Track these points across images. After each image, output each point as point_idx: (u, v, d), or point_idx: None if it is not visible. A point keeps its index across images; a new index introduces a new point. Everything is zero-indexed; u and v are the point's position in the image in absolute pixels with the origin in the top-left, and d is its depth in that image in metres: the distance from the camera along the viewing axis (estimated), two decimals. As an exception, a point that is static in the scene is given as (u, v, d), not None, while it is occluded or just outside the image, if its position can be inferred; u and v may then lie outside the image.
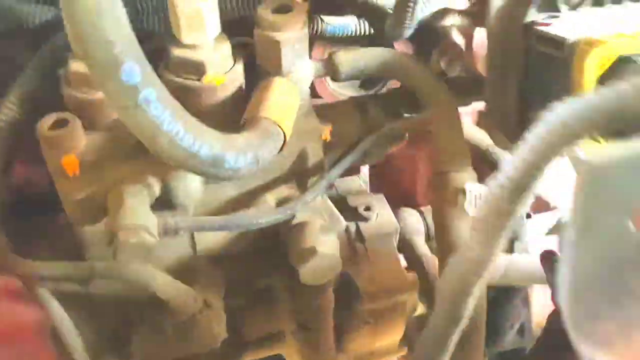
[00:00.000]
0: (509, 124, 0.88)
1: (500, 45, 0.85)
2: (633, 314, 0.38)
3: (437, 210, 0.88)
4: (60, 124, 0.74)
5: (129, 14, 0.85)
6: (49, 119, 0.74)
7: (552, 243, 1.38)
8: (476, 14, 1.16)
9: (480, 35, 1.30)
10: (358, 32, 1.06)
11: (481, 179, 0.97)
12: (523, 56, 0.85)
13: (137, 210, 0.74)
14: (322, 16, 1.03)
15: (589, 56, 0.73)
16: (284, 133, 0.75)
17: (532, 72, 0.84)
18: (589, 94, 0.43)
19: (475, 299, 0.51)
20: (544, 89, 0.84)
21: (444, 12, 1.13)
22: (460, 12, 1.15)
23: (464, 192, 0.85)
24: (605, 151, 0.37)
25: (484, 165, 1.12)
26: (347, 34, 1.06)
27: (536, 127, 0.46)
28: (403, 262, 1.12)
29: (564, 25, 0.80)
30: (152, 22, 0.88)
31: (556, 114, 0.44)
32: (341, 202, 1.11)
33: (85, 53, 0.53)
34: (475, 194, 0.85)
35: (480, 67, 1.33)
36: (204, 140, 0.62)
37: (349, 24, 1.05)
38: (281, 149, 0.76)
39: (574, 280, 0.39)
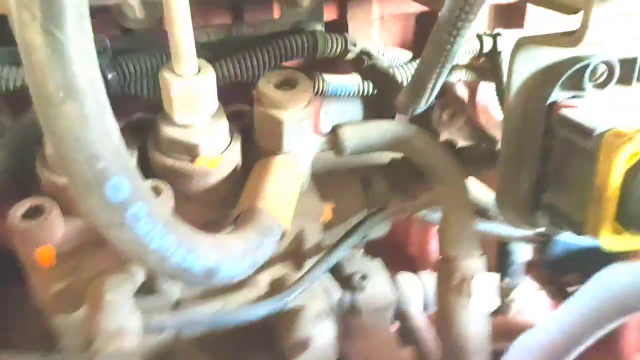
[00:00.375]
0: (522, 207, 0.83)
1: (519, 124, 0.79)
2: None
3: (442, 296, 0.82)
4: (34, 211, 0.67)
5: (116, 79, 0.79)
6: (22, 206, 0.67)
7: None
8: (480, 69, 1.12)
9: (484, 90, 1.26)
10: (363, 91, 1.00)
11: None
12: (543, 138, 0.79)
13: (118, 308, 0.66)
14: (323, 75, 0.97)
15: (619, 151, 0.68)
16: (282, 226, 0.68)
17: (552, 156, 0.79)
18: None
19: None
20: (564, 175, 0.78)
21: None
22: (466, 67, 1.10)
23: (470, 281, 0.79)
24: None
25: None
26: (350, 93, 1.00)
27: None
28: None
29: (591, 108, 0.75)
30: (139, 87, 0.81)
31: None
32: (336, 271, 1.04)
33: (67, 167, 0.46)
34: (482, 284, 0.79)
35: (483, 120, 1.29)
36: (197, 254, 0.55)
37: (352, 84, 0.99)
38: (281, 239, 0.69)
39: None
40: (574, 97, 0.77)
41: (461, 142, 1.17)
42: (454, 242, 0.82)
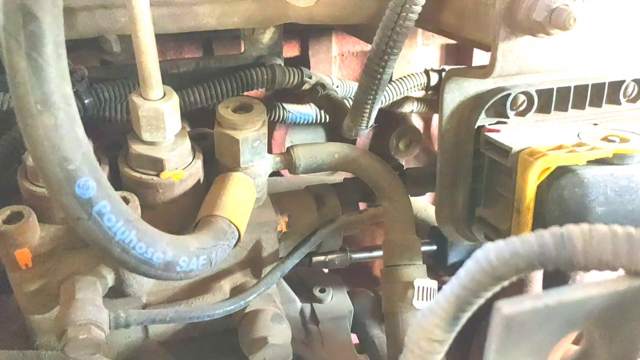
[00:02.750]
0: (458, 219, 0.92)
1: (452, 146, 0.89)
2: None
3: (387, 301, 0.91)
4: (14, 217, 0.75)
5: (92, 103, 0.89)
6: (3, 213, 0.75)
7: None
8: (434, 102, 1.22)
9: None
10: (318, 121, 1.11)
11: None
12: (473, 157, 0.89)
13: (88, 305, 0.74)
14: (284, 104, 1.08)
15: (531, 166, 0.77)
16: (238, 231, 0.77)
17: (481, 174, 0.88)
18: (514, 239, 0.46)
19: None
20: (492, 189, 0.88)
21: (402, 100, 1.18)
22: (418, 100, 1.21)
23: (412, 286, 0.88)
24: (520, 302, 0.40)
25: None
26: (308, 121, 1.11)
27: (468, 264, 0.49)
28: (356, 341, 1.14)
29: (511, 132, 0.85)
30: (112, 111, 0.91)
31: (485, 255, 0.48)
32: (297, 283, 1.13)
33: (42, 169, 0.55)
34: (424, 288, 0.88)
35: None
36: (156, 248, 0.64)
37: (309, 112, 1.09)
38: (235, 245, 0.78)
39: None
40: (498, 122, 0.88)
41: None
42: (397, 252, 0.91)
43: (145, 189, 0.80)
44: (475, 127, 0.87)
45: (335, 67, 1.26)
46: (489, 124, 0.87)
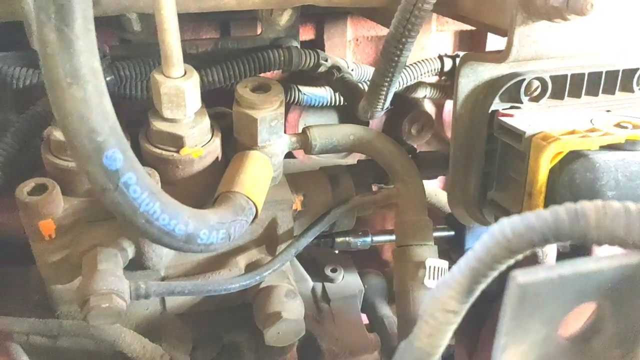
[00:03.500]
0: (469, 202, 0.94)
1: (466, 130, 0.91)
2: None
3: (399, 280, 0.92)
4: (38, 189, 0.77)
5: (113, 81, 0.90)
6: (28, 185, 0.77)
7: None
8: (447, 88, 1.23)
9: (450, 107, 1.38)
10: (332, 103, 1.12)
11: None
12: (486, 142, 0.90)
13: (110, 275, 0.76)
14: (299, 86, 1.09)
15: (544, 150, 0.79)
16: (256, 207, 0.78)
17: (494, 157, 0.90)
18: (529, 214, 0.48)
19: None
20: (504, 173, 0.89)
21: (416, 85, 1.19)
22: (431, 85, 1.22)
23: (424, 265, 0.90)
24: (534, 272, 0.42)
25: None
26: (323, 104, 1.12)
27: (484, 237, 0.51)
28: (366, 321, 1.16)
29: (525, 117, 0.86)
30: (133, 89, 0.92)
31: (501, 229, 0.49)
32: (310, 263, 1.15)
33: (71, 141, 0.57)
34: (435, 268, 0.90)
35: (450, 135, 1.40)
36: (178, 220, 0.66)
37: (324, 95, 1.10)
38: (252, 221, 0.79)
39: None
40: (512, 107, 0.89)
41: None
42: (409, 232, 0.92)
43: (165, 165, 0.82)
44: (489, 111, 0.89)
45: (350, 51, 1.27)
46: (503, 109, 0.89)
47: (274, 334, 0.88)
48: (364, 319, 1.17)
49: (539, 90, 0.88)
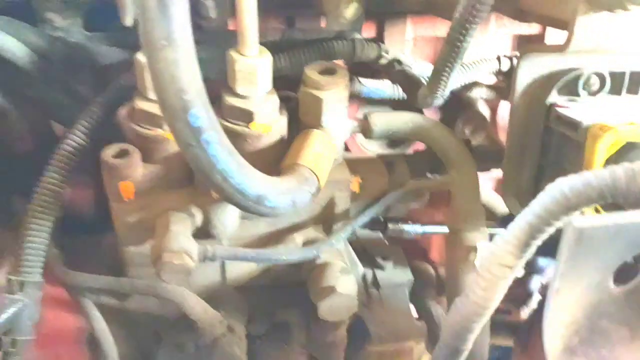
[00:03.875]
0: (523, 194, 0.96)
1: (522, 121, 0.93)
2: (604, 352, 0.45)
3: (450, 264, 0.95)
4: (121, 153, 0.84)
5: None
6: (113, 149, 0.84)
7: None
8: (502, 89, 1.26)
9: (505, 109, 1.40)
10: (393, 97, 1.16)
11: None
12: (542, 133, 0.93)
13: (181, 236, 0.82)
14: (360, 78, 1.14)
15: (600, 140, 0.81)
16: (318, 181, 0.83)
17: (549, 149, 0.92)
18: (587, 173, 0.51)
19: (474, 337, 0.58)
20: (559, 165, 0.91)
21: (472, 85, 1.23)
22: (487, 86, 1.25)
23: (475, 250, 0.92)
24: (591, 219, 0.45)
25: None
26: (382, 97, 1.16)
27: (541, 196, 0.54)
28: (414, 312, 1.18)
29: (582, 109, 0.88)
30: (206, 71, 0.99)
31: (559, 187, 0.53)
32: (361, 251, 1.18)
33: (162, 97, 0.63)
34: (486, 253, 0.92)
35: (502, 137, 1.42)
36: (250, 181, 0.71)
37: (384, 88, 1.15)
38: (315, 194, 0.84)
39: (556, 322, 0.46)
40: (569, 100, 0.92)
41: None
42: (461, 217, 0.95)
43: (234, 139, 0.86)
44: (547, 103, 0.91)
45: (408, 50, 1.31)
46: (560, 101, 0.91)
47: (327, 307, 0.92)
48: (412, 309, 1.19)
49: (597, 85, 0.91)
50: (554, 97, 0.91)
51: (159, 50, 0.61)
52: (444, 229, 1.04)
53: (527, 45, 0.90)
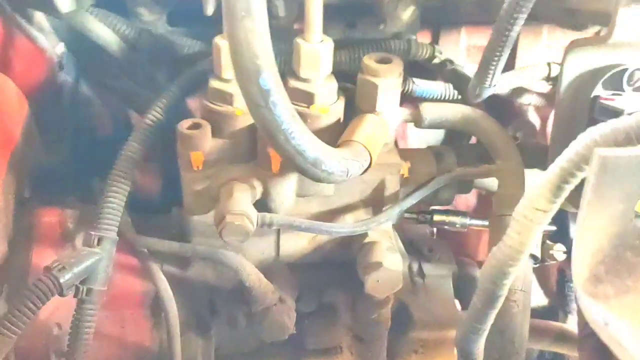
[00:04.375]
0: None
1: (567, 114, 0.98)
2: (629, 283, 0.49)
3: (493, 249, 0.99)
4: (194, 126, 0.94)
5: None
6: (187, 122, 0.94)
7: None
8: (552, 97, 1.30)
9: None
10: (444, 97, 1.23)
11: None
12: (586, 126, 0.97)
13: (243, 201, 0.91)
14: (413, 78, 1.21)
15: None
16: (370, 156, 0.90)
17: (593, 142, 0.96)
18: (613, 120, 0.56)
19: (510, 282, 0.63)
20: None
21: (522, 91, 1.28)
22: (537, 93, 1.30)
23: (519, 235, 0.96)
24: (617, 149, 0.49)
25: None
26: (433, 97, 1.23)
27: (572, 143, 0.59)
28: (458, 306, 1.22)
29: (626, 101, 0.93)
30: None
31: (588, 133, 0.58)
32: (408, 243, 1.24)
33: (237, 61, 0.72)
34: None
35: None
36: (310, 144, 0.78)
37: (436, 88, 1.22)
38: (366, 170, 0.91)
39: (582, 250, 0.50)
40: (614, 94, 0.96)
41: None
42: (506, 203, 1.00)
43: (296, 118, 0.96)
44: (592, 96, 0.96)
45: (462, 59, 1.38)
46: (605, 95, 0.96)
47: (373, 282, 0.97)
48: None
49: (641, 81, 0.95)
50: (598, 91, 0.96)
51: (239, 20, 0.70)
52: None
53: (572, 41, 0.94)
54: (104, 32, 1.07)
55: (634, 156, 0.50)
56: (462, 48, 1.38)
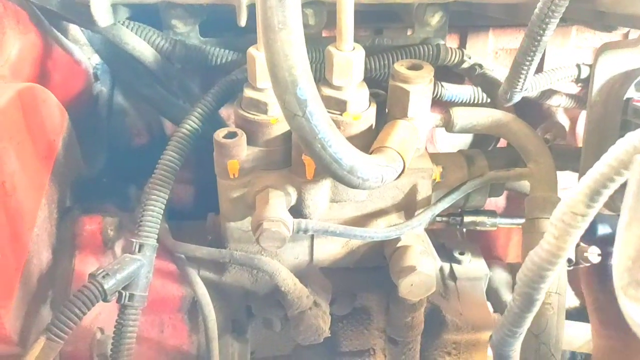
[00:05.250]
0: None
1: (600, 116, 0.98)
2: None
3: (526, 250, 0.99)
4: (230, 135, 0.96)
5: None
6: (223, 131, 0.96)
7: None
8: (582, 99, 1.30)
9: (584, 121, 1.43)
10: (473, 100, 1.24)
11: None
12: (619, 128, 0.97)
13: (279, 208, 0.93)
14: (442, 83, 1.22)
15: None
16: (404, 162, 0.91)
17: (626, 143, 0.96)
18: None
19: (547, 286, 0.64)
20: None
21: (551, 93, 1.28)
22: (567, 95, 1.29)
23: (552, 238, 0.96)
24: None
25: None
26: (463, 101, 1.24)
27: (612, 148, 0.60)
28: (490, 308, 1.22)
29: None
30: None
31: (628, 139, 0.58)
32: (440, 246, 1.25)
33: (275, 72, 0.74)
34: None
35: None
36: (346, 152, 0.80)
37: (465, 92, 1.23)
38: (400, 175, 0.92)
39: (624, 255, 0.51)
40: (647, 96, 0.96)
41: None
42: (539, 206, 1.00)
43: (329, 126, 0.97)
44: (624, 98, 0.96)
45: (490, 62, 1.38)
46: (638, 97, 0.96)
47: (407, 286, 0.98)
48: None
49: (674, 82, 0.95)
50: (631, 93, 0.96)
51: (276, 33, 0.72)
52: (520, 221, 1.09)
53: (604, 43, 0.95)
54: (139, 44, 1.10)
55: (675, 163, 0.50)
56: (490, 51, 1.38)
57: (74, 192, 1.13)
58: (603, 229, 1.16)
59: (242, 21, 1.00)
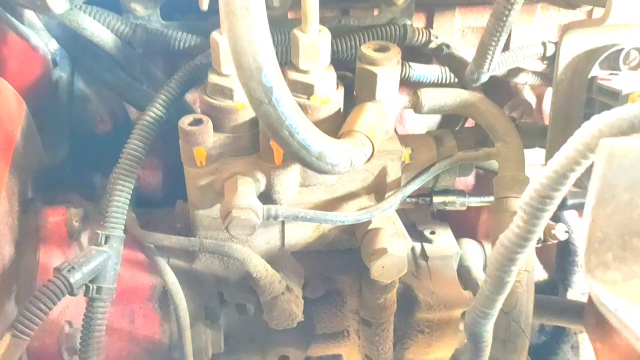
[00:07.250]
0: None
1: (565, 94, 0.99)
2: (636, 269, 0.50)
3: (496, 230, 1.01)
4: (196, 122, 0.94)
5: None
6: (189, 118, 0.94)
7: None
8: (548, 76, 1.31)
9: (550, 97, 1.44)
10: (441, 80, 1.23)
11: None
12: (584, 105, 0.98)
13: (248, 195, 0.91)
14: (410, 63, 1.21)
15: None
16: (373, 145, 0.91)
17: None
18: (618, 108, 0.57)
19: (517, 269, 0.65)
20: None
21: (518, 71, 1.28)
22: (533, 72, 1.30)
23: (520, 216, 0.98)
24: (623, 139, 0.51)
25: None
26: (430, 81, 1.23)
27: (577, 131, 0.60)
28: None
29: (622, 81, 0.94)
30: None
31: (593, 122, 0.59)
32: (410, 226, 1.25)
33: (239, 59, 0.72)
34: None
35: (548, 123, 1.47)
36: (314, 138, 0.79)
37: (433, 72, 1.22)
38: (369, 159, 0.92)
39: (591, 238, 0.52)
40: (611, 74, 0.97)
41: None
42: (507, 186, 1.01)
43: (296, 110, 0.96)
44: (589, 77, 0.97)
45: (457, 41, 1.38)
46: (602, 75, 0.97)
47: (379, 268, 0.99)
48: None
49: (637, 59, 0.96)
50: (595, 71, 0.97)
51: (239, 18, 0.70)
52: (489, 199, 1.10)
53: (568, 23, 0.95)
54: (98, 29, 1.06)
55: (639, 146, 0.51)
56: (457, 29, 1.37)
57: (36, 183, 1.10)
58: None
59: (205, 5, 0.97)
